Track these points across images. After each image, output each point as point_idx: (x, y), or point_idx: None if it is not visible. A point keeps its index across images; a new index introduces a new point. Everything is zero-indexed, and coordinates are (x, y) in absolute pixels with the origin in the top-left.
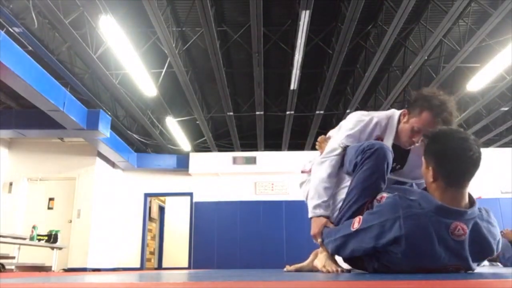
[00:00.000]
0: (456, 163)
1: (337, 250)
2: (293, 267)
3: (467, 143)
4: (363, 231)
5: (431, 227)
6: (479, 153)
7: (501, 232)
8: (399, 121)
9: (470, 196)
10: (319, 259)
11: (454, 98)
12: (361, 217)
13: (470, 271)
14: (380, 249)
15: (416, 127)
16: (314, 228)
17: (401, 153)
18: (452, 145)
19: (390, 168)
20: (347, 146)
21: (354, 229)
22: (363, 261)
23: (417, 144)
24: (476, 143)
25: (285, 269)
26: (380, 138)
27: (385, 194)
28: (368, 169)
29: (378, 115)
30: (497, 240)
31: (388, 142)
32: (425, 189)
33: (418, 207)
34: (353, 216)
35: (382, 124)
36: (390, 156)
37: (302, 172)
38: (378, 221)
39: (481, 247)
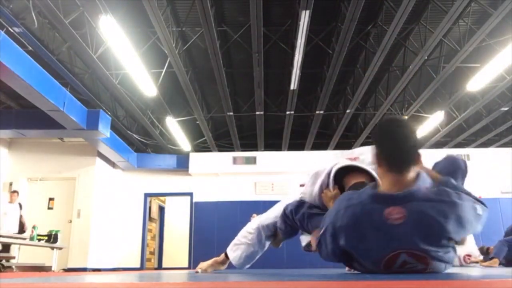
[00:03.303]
0: (387, 147)
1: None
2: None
3: (397, 129)
4: (323, 235)
5: (365, 214)
6: (408, 138)
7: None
8: None
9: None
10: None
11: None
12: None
13: (433, 259)
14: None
15: None
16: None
17: None
18: (383, 130)
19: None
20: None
21: (319, 236)
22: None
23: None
24: (407, 129)
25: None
26: None
27: None
28: None
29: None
30: (450, 218)
31: None
32: None
33: (356, 198)
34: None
35: None
36: None
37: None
38: (329, 220)
39: (428, 227)
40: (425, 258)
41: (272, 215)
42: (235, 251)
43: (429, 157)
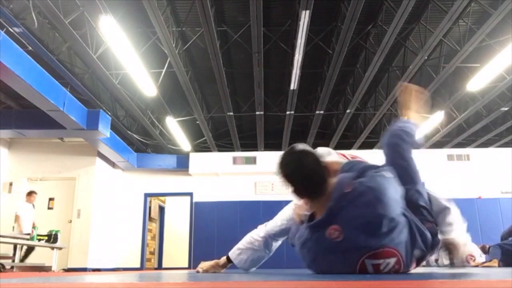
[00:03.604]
0: (295, 182)
1: None
2: None
3: (281, 163)
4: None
5: (316, 245)
6: (309, 164)
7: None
8: None
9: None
10: None
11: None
12: None
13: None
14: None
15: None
16: None
17: None
18: (283, 166)
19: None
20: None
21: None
22: None
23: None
24: (304, 156)
25: None
26: None
27: None
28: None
29: None
30: (376, 203)
31: None
32: None
33: (302, 233)
34: None
35: None
36: None
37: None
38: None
39: (365, 225)
40: (388, 252)
41: (278, 223)
42: (239, 254)
43: (429, 158)
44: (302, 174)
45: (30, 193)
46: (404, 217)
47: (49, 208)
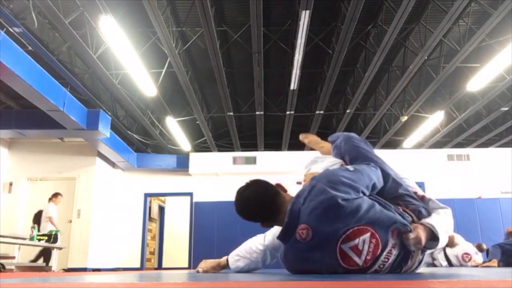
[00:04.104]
0: (257, 216)
1: None
2: None
3: (235, 208)
4: None
5: (296, 254)
6: (239, 206)
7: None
8: None
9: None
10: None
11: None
12: None
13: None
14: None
15: None
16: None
17: None
18: (241, 206)
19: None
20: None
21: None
22: None
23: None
24: (242, 196)
25: None
26: None
27: None
28: None
29: None
30: (328, 191)
31: None
32: None
33: (281, 251)
34: None
35: None
36: None
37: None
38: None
39: (326, 214)
40: (359, 230)
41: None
42: (237, 261)
43: (429, 158)
44: (253, 209)
45: (56, 195)
46: (371, 199)
47: None
